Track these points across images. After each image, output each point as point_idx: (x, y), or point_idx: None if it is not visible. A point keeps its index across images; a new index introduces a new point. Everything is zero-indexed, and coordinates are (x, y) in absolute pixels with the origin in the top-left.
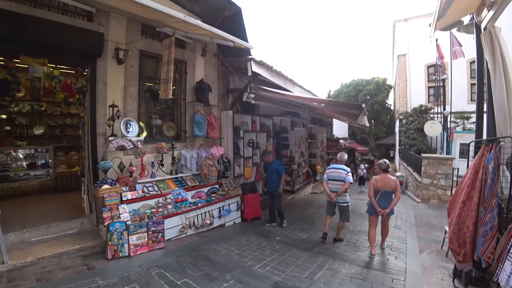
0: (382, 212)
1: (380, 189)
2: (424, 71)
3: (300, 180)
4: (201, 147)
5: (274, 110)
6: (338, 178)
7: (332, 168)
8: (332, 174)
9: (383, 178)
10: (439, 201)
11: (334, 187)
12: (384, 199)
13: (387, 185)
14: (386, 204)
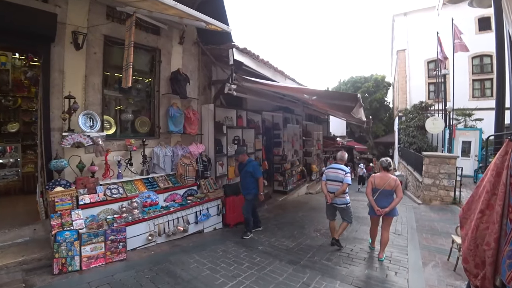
0: (380, 212)
1: (378, 188)
2: (424, 66)
3: (293, 180)
4: (177, 144)
5: (264, 105)
6: (336, 178)
7: (331, 168)
8: (330, 174)
9: (382, 176)
10: (441, 203)
11: (332, 188)
12: (382, 198)
13: (386, 183)
14: (385, 203)
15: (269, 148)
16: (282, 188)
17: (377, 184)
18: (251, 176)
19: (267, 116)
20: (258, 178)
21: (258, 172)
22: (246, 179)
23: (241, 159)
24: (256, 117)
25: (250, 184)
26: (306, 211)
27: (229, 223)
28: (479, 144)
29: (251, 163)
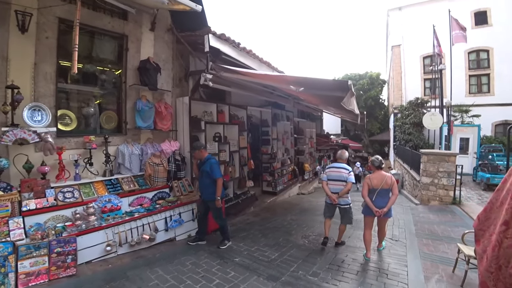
0: (379, 212)
1: (376, 188)
2: (419, 62)
3: (284, 180)
4: (148, 142)
5: (251, 100)
6: (339, 178)
7: (332, 167)
8: (332, 173)
9: (378, 176)
10: (440, 203)
11: (334, 188)
12: (381, 198)
13: (382, 182)
14: (383, 203)
15: (257, 146)
16: (271, 189)
17: (375, 184)
18: (208, 177)
19: (254, 112)
20: (216, 179)
21: (217, 172)
22: (202, 180)
23: (198, 156)
24: (241, 113)
25: (208, 187)
26: (296, 214)
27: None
28: (478, 140)
29: (209, 161)
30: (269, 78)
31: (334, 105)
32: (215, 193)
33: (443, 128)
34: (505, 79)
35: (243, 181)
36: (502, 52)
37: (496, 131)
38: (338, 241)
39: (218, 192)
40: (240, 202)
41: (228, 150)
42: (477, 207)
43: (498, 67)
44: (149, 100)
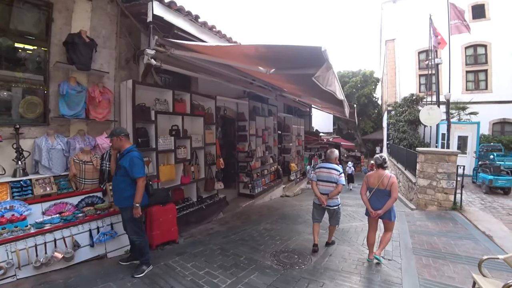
0: (374, 214)
1: (372, 187)
2: (414, 57)
3: (265, 180)
4: (78, 135)
5: (226, 90)
6: (329, 179)
7: (322, 167)
8: (322, 174)
9: (375, 174)
10: (439, 208)
11: (324, 189)
12: (376, 198)
13: (379, 182)
14: (379, 204)
15: (232, 143)
16: (248, 191)
17: (371, 183)
18: (125, 175)
19: (229, 104)
20: (136, 179)
21: (138, 170)
22: (116, 179)
23: (117, 145)
24: (208, 103)
25: (123, 189)
26: (273, 221)
27: (151, 243)
28: (477, 139)
29: (130, 154)
30: (222, 51)
31: (317, 94)
32: (133, 198)
33: (440, 126)
34: (503, 75)
35: (211, 182)
36: (500, 47)
37: (493, 130)
38: (328, 241)
39: (138, 197)
40: (204, 208)
41: (189, 146)
42: (481, 214)
43: (496, 63)
44: (81, 83)
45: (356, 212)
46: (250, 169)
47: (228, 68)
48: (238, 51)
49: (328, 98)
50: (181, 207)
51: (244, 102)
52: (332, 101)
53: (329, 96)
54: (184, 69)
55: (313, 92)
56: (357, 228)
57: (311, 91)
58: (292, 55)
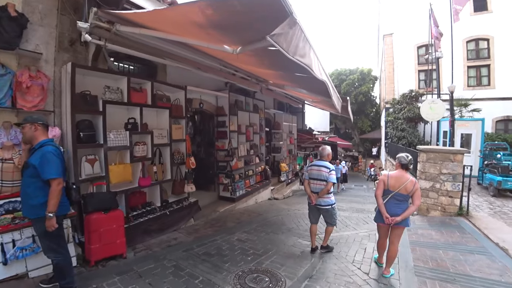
0: (390, 220)
1: (392, 190)
2: (414, 52)
3: (249, 182)
4: (2, 127)
5: (201, 80)
6: (319, 177)
7: (313, 165)
8: (313, 172)
9: (398, 176)
10: (443, 214)
11: (315, 187)
12: (394, 203)
13: (401, 185)
14: (397, 209)
15: (211, 140)
16: (229, 194)
17: (391, 185)
18: (35, 176)
19: (207, 96)
20: (49, 181)
21: (49, 170)
22: (24, 182)
23: (28, 134)
24: (177, 94)
25: (31, 195)
26: (251, 229)
27: (89, 258)
28: (482, 137)
29: (41, 149)
30: (167, 20)
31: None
32: (45, 206)
33: (441, 123)
34: (507, 70)
35: (179, 184)
36: (504, 41)
37: (497, 128)
38: (323, 244)
39: (51, 205)
40: (168, 214)
41: (151, 143)
42: (491, 221)
43: (499, 58)
44: (8, 65)
45: (350, 218)
46: (231, 169)
47: (201, 54)
48: (186, 19)
49: (317, 89)
50: (139, 214)
51: (224, 94)
52: (322, 93)
53: (318, 87)
54: (146, 53)
55: (295, 78)
56: (349, 239)
57: (292, 77)
58: (244, 12)
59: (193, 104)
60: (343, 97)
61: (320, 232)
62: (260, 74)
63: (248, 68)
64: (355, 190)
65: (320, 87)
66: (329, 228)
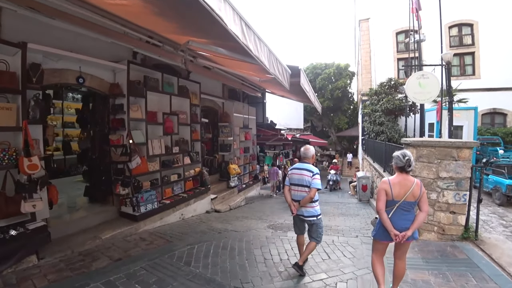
0: (400, 237)
1: (397, 199)
2: (392, 39)
3: (174, 190)
4: None
5: (80, 40)
6: (300, 182)
7: (294, 168)
8: (293, 176)
9: (402, 181)
10: (441, 237)
11: (297, 195)
12: (401, 215)
13: (408, 192)
14: (405, 222)
15: (102, 133)
16: (132, 210)
17: (396, 194)
18: None
19: (93, 68)
20: None
21: None
22: None
23: None
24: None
25: None
26: (119, 279)
27: None
28: (474, 129)
29: None
30: None
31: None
32: None
33: (426, 114)
34: (493, 59)
35: (10, 202)
36: (489, 26)
37: (483, 122)
38: (299, 263)
39: None
40: None
41: None
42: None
43: (484, 45)
44: None
45: None
46: (131, 174)
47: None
48: None
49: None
50: None
51: (121, 67)
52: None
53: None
54: None
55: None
56: None
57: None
58: None
59: (64, 78)
60: (293, 66)
61: None
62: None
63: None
64: (326, 195)
65: None
66: (312, 244)
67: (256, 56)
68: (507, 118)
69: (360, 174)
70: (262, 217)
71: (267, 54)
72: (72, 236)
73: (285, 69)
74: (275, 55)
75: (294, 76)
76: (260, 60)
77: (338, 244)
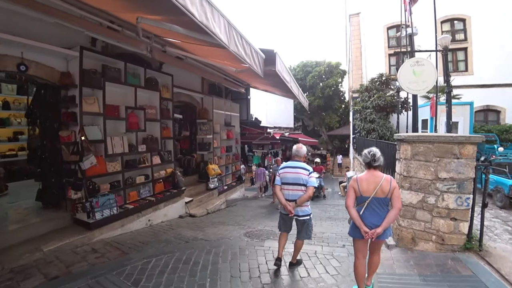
0: (370, 234)
1: (366, 195)
2: (383, 34)
3: (141, 193)
4: None
5: (24, 21)
6: (296, 181)
7: (286, 167)
8: (287, 175)
9: (369, 177)
10: (440, 247)
11: (291, 194)
12: (373, 211)
13: (376, 188)
14: (376, 219)
15: (53, 129)
16: (87, 217)
17: (364, 190)
18: None
19: (40, 54)
20: None
21: None
22: None
23: None
24: None
25: None
26: None
27: None
28: (470, 125)
29: None
30: None
31: None
32: None
33: (419, 110)
34: (486, 54)
35: None
36: (482, 21)
37: (476, 119)
38: (292, 261)
39: None
40: None
41: None
42: None
43: (477, 40)
44: None
45: None
46: (83, 176)
47: None
48: None
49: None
50: None
51: (74, 54)
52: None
53: None
54: None
55: None
56: None
57: None
58: None
59: (1, 64)
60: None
61: None
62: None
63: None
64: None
65: None
66: (299, 243)
67: (205, 25)
68: (500, 115)
69: (350, 173)
70: (241, 223)
71: (225, 28)
72: (10, 248)
73: (255, 52)
74: (239, 32)
75: (270, 62)
76: (212, 33)
77: (322, 256)
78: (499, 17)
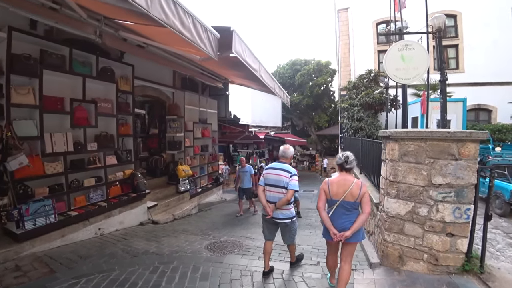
0: (338, 237)
1: (336, 198)
2: (372, 30)
3: (91, 198)
4: None
5: None
6: (277, 183)
7: (270, 168)
8: (269, 177)
9: (340, 181)
10: (433, 269)
11: (272, 196)
12: (341, 214)
13: (346, 191)
14: (345, 222)
15: None
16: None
17: (334, 193)
18: None
19: None
20: None
21: None
22: None
23: None
24: None
25: None
26: None
27: None
28: (464, 122)
29: None
30: None
31: None
32: None
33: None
34: (477, 52)
35: None
36: (473, 17)
37: (467, 118)
38: (292, 261)
39: None
40: None
41: None
42: None
43: (468, 37)
44: None
45: None
46: (10, 178)
47: None
48: None
49: None
50: None
51: (2, 35)
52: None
53: None
54: None
55: None
56: None
57: None
58: None
59: None
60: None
61: None
62: None
63: None
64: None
65: None
66: (291, 246)
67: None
68: (492, 115)
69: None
70: (207, 231)
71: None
72: None
73: (204, 28)
74: None
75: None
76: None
77: (289, 279)
78: (491, 12)
